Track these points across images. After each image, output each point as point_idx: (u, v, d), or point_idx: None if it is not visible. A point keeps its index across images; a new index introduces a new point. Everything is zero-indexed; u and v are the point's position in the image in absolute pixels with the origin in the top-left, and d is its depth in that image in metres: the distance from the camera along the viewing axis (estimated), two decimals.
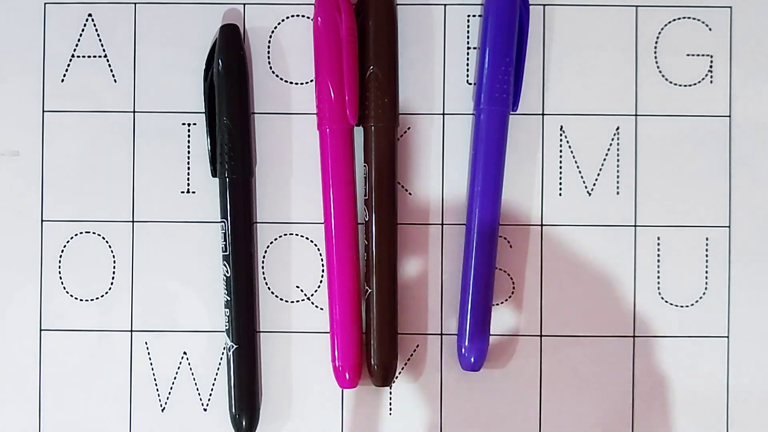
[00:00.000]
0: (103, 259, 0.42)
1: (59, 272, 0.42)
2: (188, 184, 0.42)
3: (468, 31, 0.42)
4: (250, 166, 0.41)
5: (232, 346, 0.41)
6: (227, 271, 0.41)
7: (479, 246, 0.41)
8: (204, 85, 0.41)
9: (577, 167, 0.43)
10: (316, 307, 0.42)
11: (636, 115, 0.43)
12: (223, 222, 0.41)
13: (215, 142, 0.41)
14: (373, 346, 0.41)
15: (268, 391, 0.42)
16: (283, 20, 0.42)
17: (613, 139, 0.42)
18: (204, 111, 0.41)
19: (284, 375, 0.42)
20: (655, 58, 0.43)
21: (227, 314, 0.41)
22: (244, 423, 0.41)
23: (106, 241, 0.42)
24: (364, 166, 0.41)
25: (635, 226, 0.43)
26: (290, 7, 0.42)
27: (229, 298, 0.41)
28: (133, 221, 0.42)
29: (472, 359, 0.41)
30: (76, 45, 0.43)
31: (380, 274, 0.41)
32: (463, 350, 0.41)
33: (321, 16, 0.41)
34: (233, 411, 0.41)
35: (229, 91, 0.41)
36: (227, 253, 0.41)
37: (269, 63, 0.42)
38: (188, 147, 0.42)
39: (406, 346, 0.42)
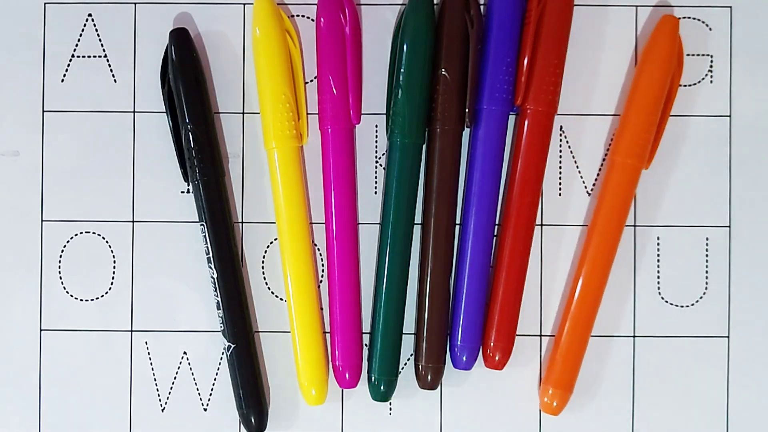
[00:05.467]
0: (103, 259, 0.42)
1: (59, 272, 0.42)
2: (188, 184, 0.42)
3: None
4: (221, 166, 0.41)
5: (230, 346, 0.41)
6: (213, 273, 0.41)
7: (474, 246, 0.41)
8: (162, 91, 0.41)
9: (577, 167, 0.43)
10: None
11: None
12: (202, 225, 0.41)
13: (181, 146, 0.41)
14: (423, 349, 0.41)
15: (275, 390, 0.42)
16: None
17: (612, 139, 0.42)
18: (167, 117, 0.41)
19: (289, 374, 0.42)
20: None
21: (220, 315, 0.41)
22: (253, 420, 0.41)
23: (106, 241, 0.42)
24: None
25: (635, 226, 0.43)
26: (292, 7, 0.42)
27: (219, 299, 0.41)
28: (133, 221, 0.42)
29: (464, 358, 0.41)
30: (76, 45, 0.43)
31: (435, 275, 0.41)
32: (455, 349, 0.41)
33: (324, 16, 0.41)
34: (242, 410, 0.41)
35: (187, 94, 0.40)
36: (210, 255, 0.41)
37: None
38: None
39: (406, 346, 0.42)
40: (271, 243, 0.42)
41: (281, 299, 0.43)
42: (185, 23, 0.42)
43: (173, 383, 0.42)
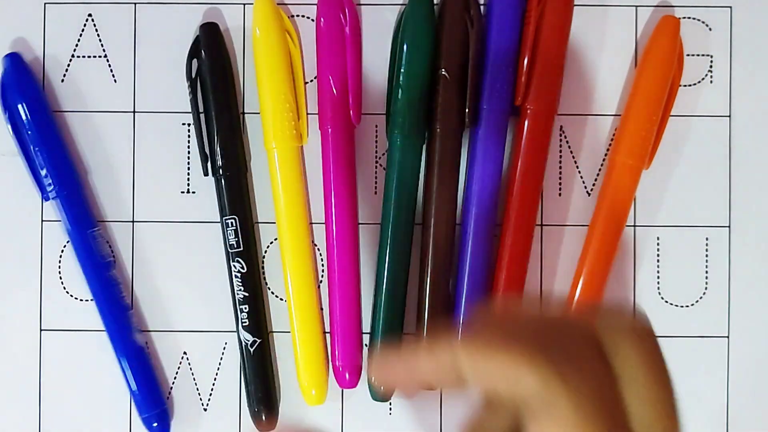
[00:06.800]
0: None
1: (59, 272, 0.42)
2: (188, 184, 0.42)
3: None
4: (245, 162, 0.41)
5: (255, 341, 0.41)
6: (242, 267, 0.41)
7: (474, 246, 0.41)
8: (188, 83, 0.41)
9: (577, 167, 0.43)
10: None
11: None
12: (233, 218, 0.41)
13: (204, 140, 0.41)
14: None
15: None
16: None
17: (612, 139, 0.42)
18: (191, 111, 0.41)
19: (289, 374, 0.42)
20: None
21: (245, 310, 0.41)
22: (264, 418, 0.41)
23: (107, 241, 0.42)
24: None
25: (635, 226, 0.43)
26: (292, 7, 0.42)
27: (246, 294, 0.41)
28: (133, 221, 0.42)
29: None
30: (76, 45, 0.42)
31: (435, 275, 0.41)
32: None
33: (324, 16, 0.41)
34: (253, 407, 0.41)
35: (215, 89, 0.40)
36: (240, 249, 0.41)
37: None
38: (188, 147, 0.42)
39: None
40: (271, 243, 0.42)
41: (281, 299, 0.43)
42: (185, 23, 0.42)
43: (173, 383, 0.42)
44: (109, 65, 0.43)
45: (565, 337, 0.25)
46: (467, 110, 0.40)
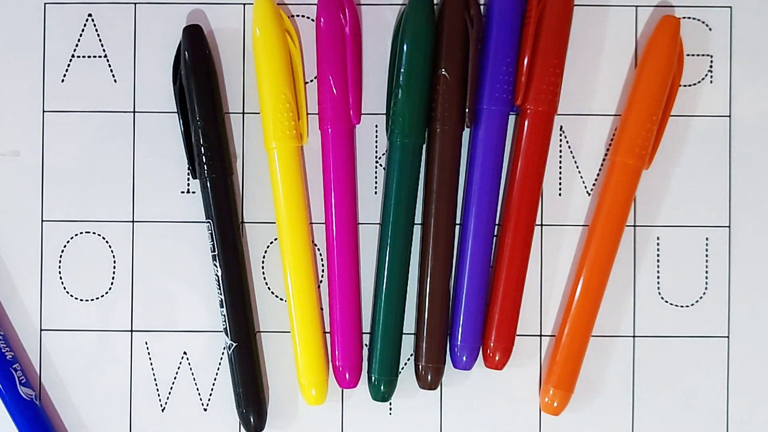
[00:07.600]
0: (103, 259, 0.42)
1: (59, 272, 0.42)
2: (188, 184, 0.42)
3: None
4: (230, 164, 0.41)
5: (232, 345, 0.41)
6: (218, 271, 0.41)
7: (474, 246, 0.41)
8: (174, 87, 0.41)
9: (577, 167, 0.43)
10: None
11: None
12: (209, 222, 0.41)
13: (191, 142, 0.41)
14: (423, 349, 0.41)
15: (275, 390, 0.42)
16: None
17: (612, 139, 0.42)
18: (177, 113, 0.41)
19: (289, 374, 0.42)
20: None
21: (223, 313, 0.41)
22: (252, 420, 0.41)
23: (106, 241, 0.42)
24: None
25: (635, 226, 0.43)
26: (293, 7, 0.42)
27: (222, 297, 0.41)
28: (133, 221, 0.42)
29: (464, 358, 0.41)
30: (76, 45, 0.43)
31: (435, 275, 0.41)
32: (455, 349, 0.41)
33: (324, 16, 0.41)
34: (241, 409, 0.41)
35: (199, 91, 0.40)
36: (215, 252, 0.41)
37: None
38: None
39: (406, 346, 0.42)
40: (271, 243, 0.42)
41: (281, 299, 0.43)
42: (185, 23, 0.42)
43: (173, 383, 0.42)
44: (109, 65, 0.43)
45: None
46: (467, 110, 0.40)
